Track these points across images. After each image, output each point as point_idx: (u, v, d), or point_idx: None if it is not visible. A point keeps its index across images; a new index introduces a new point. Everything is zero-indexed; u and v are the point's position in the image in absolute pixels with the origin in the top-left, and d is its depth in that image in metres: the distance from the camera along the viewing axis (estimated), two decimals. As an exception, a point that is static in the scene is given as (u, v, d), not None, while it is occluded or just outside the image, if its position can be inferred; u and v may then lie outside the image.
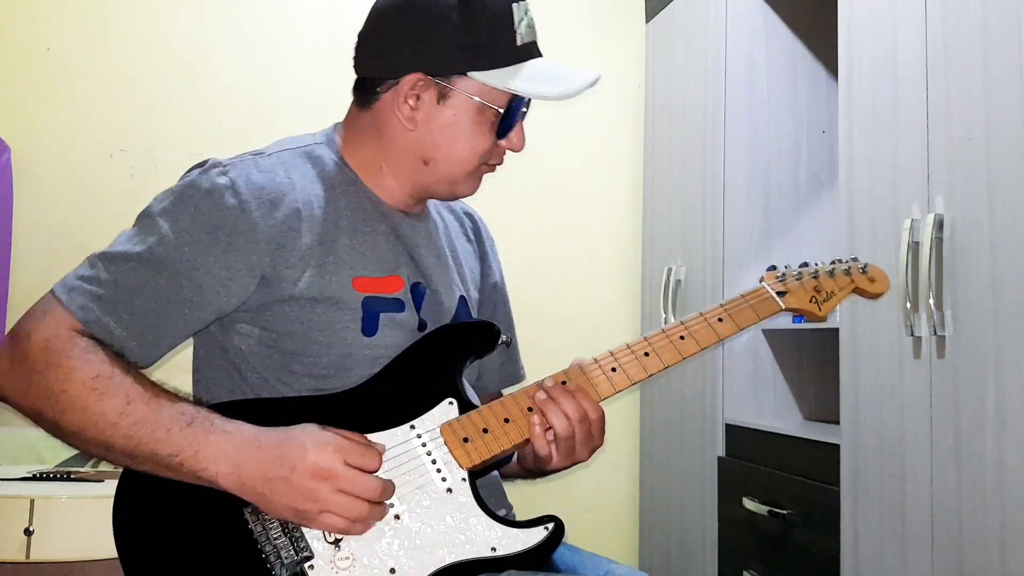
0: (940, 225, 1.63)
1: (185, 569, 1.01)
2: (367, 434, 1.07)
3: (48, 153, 2.62)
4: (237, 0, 2.79)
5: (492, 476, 1.20)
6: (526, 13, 1.16)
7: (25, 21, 2.64)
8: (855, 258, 1.35)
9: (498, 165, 1.23)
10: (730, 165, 2.45)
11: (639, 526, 2.97)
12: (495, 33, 1.13)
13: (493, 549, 1.04)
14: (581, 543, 1.26)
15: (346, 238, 1.14)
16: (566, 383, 1.14)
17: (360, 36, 1.20)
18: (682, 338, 1.19)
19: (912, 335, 1.68)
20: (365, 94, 1.19)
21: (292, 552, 1.01)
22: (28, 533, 1.87)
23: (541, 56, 1.19)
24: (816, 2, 2.43)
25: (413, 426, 1.09)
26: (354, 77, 1.22)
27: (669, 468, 2.75)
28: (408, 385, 1.11)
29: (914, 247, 1.67)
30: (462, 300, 1.24)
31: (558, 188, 3.03)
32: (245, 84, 2.76)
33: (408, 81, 1.14)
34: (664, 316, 2.67)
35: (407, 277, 1.17)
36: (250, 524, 1.02)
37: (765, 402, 2.42)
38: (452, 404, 1.11)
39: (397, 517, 1.04)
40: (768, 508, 2.14)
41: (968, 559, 1.54)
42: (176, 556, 1.01)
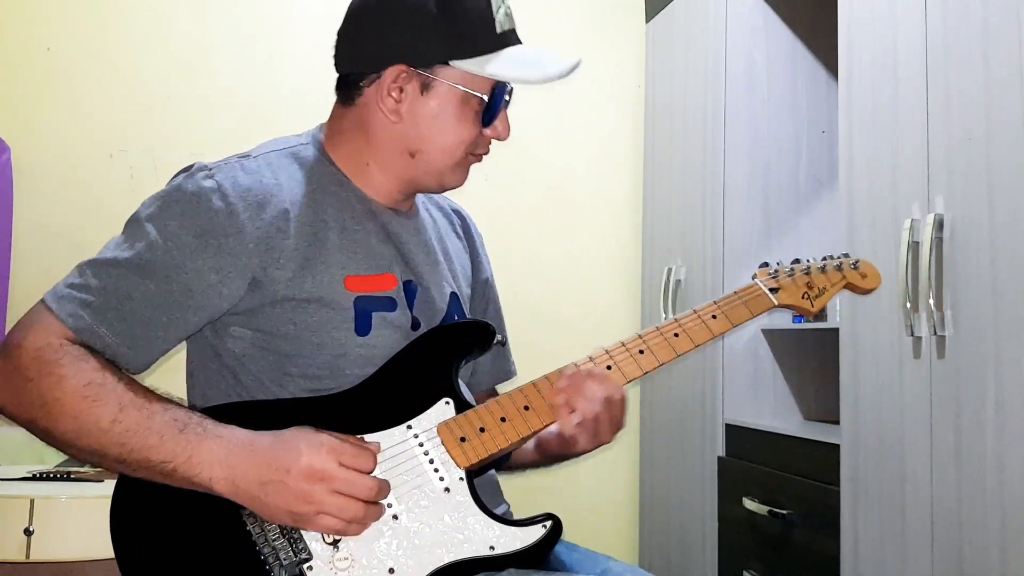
0: (940, 225, 1.63)
1: (184, 572, 1.01)
2: (364, 435, 1.07)
3: (48, 153, 2.62)
4: (237, 0, 2.80)
5: (489, 475, 1.20)
6: (503, 2, 1.17)
7: (25, 21, 2.64)
8: (846, 254, 1.35)
9: (484, 155, 1.22)
10: (730, 165, 2.45)
11: (639, 526, 2.97)
12: (474, 21, 1.14)
13: (491, 548, 1.04)
14: (581, 544, 1.26)
15: (336, 237, 1.14)
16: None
17: (339, 33, 1.20)
18: (676, 335, 1.20)
19: (912, 335, 1.68)
20: (348, 91, 1.19)
21: (291, 553, 1.00)
22: (28, 533, 1.87)
23: (521, 44, 1.19)
24: (816, 2, 2.43)
25: (410, 426, 1.09)
26: (335, 83, 1.21)
27: (669, 468, 2.75)
28: (404, 385, 1.11)
29: (914, 247, 1.67)
30: (453, 297, 1.24)
31: (558, 188, 3.03)
32: (245, 84, 2.76)
33: (390, 73, 1.14)
34: (664, 316, 2.67)
35: (399, 275, 1.17)
36: (248, 526, 1.02)
37: (765, 402, 2.42)
38: (449, 404, 1.11)
39: (395, 517, 1.04)
40: (768, 508, 2.14)
41: (968, 559, 1.54)
42: (174, 559, 1.01)
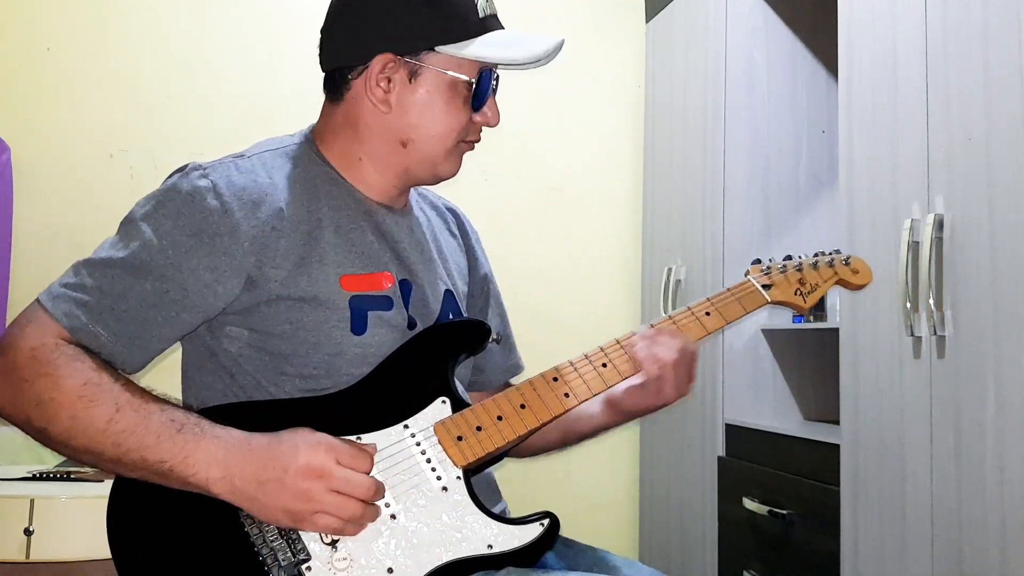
0: (940, 225, 1.63)
1: (181, 573, 1.01)
2: (361, 434, 1.07)
3: (48, 153, 2.62)
4: (237, 0, 2.80)
5: (487, 474, 1.20)
6: None
7: (25, 21, 2.64)
8: (837, 250, 1.36)
9: (476, 142, 1.22)
10: (730, 165, 2.45)
11: (639, 526, 2.97)
12: (456, 6, 1.15)
13: (489, 546, 1.04)
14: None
15: (330, 236, 1.14)
16: (557, 380, 1.15)
17: (323, 31, 1.20)
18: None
19: (912, 335, 1.68)
20: (336, 87, 1.19)
21: (289, 554, 1.00)
22: (28, 533, 1.87)
23: (503, 28, 1.20)
24: (816, 2, 2.43)
25: (407, 425, 1.09)
26: (322, 82, 1.22)
27: (669, 468, 2.75)
28: (400, 385, 1.11)
29: (914, 247, 1.67)
30: (448, 294, 1.24)
31: (558, 188, 3.03)
32: (245, 84, 2.76)
33: (378, 63, 1.14)
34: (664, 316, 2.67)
35: (395, 273, 1.17)
36: (246, 527, 1.01)
37: (765, 402, 2.42)
38: (445, 403, 1.11)
39: (393, 517, 1.04)
40: (768, 508, 2.13)
41: (968, 559, 1.54)
42: (172, 561, 1.01)
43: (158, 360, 1.11)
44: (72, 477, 2.08)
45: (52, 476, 2.08)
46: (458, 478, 1.07)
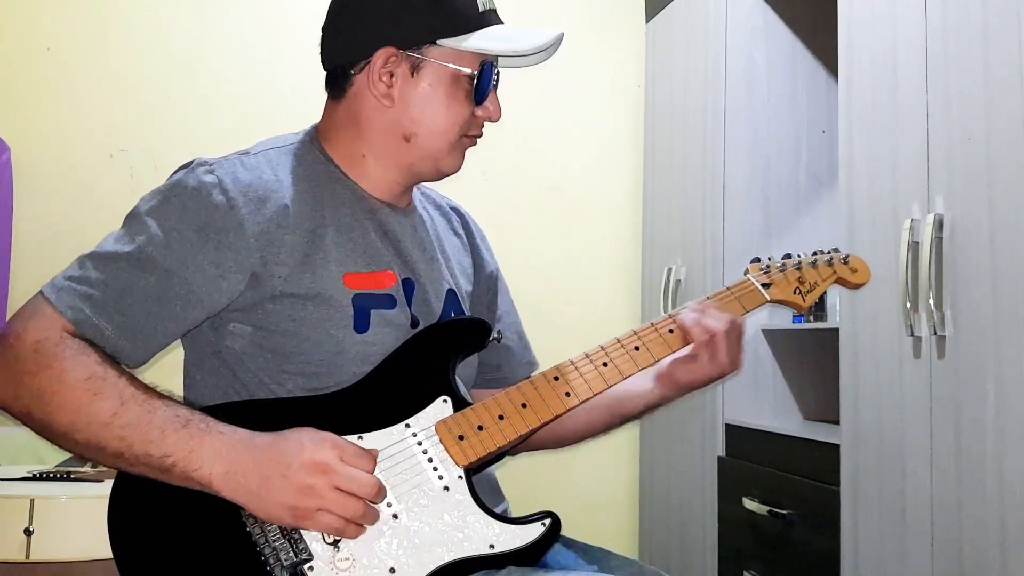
0: (940, 225, 1.63)
1: (183, 572, 1.01)
2: (363, 433, 1.07)
3: (48, 153, 2.62)
4: (237, 0, 2.80)
5: (488, 474, 1.20)
6: None
7: (25, 21, 2.64)
8: (836, 249, 1.36)
9: (478, 137, 1.23)
10: (730, 165, 2.45)
11: (639, 526, 2.97)
12: (457, 1, 1.15)
13: (491, 546, 1.04)
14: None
15: (334, 234, 1.14)
16: (558, 379, 1.15)
17: (324, 28, 1.21)
18: (671, 331, 1.20)
19: (912, 335, 1.68)
20: (338, 84, 1.19)
21: (291, 554, 1.00)
22: (28, 533, 1.87)
23: (503, 23, 1.21)
24: (816, 2, 2.43)
25: (408, 424, 1.09)
26: (324, 80, 1.22)
27: (669, 468, 2.75)
28: (401, 384, 1.11)
29: (914, 247, 1.67)
30: (451, 294, 1.24)
31: (558, 188, 3.03)
32: (245, 84, 2.76)
33: (380, 57, 1.15)
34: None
35: (398, 272, 1.17)
36: (248, 527, 1.01)
37: (765, 402, 2.42)
38: (446, 402, 1.11)
39: (395, 516, 1.04)
40: (768, 508, 2.14)
41: (968, 559, 1.54)
42: (174, 560, 1.01)
43: (159, 359, 1.11)
44: (72, 477, 2.08)
45: (52, 476, 2.08)
46: (460, 477, 1.07)
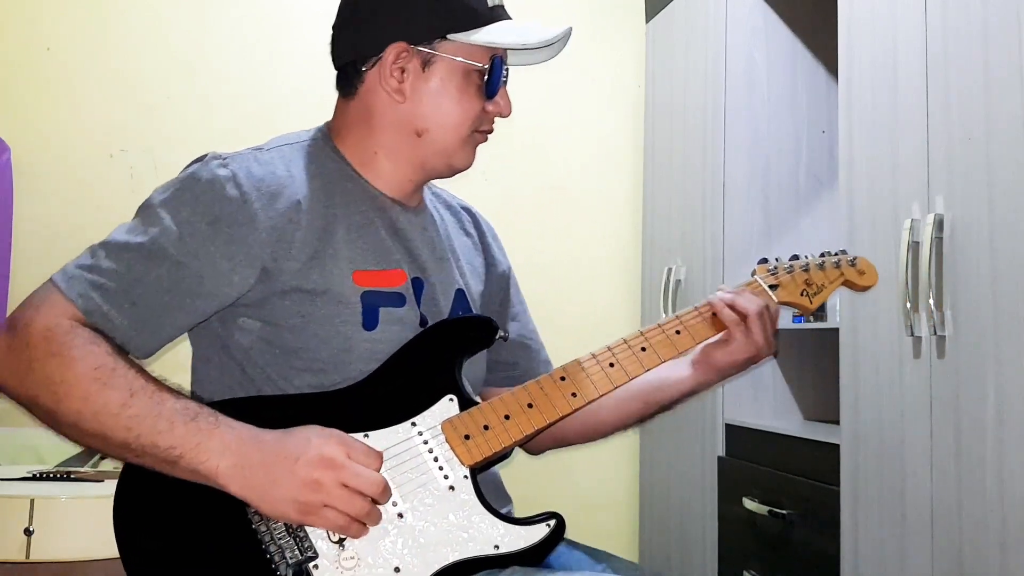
0: (940, 225, 1.63)
1: (188, 569, 1.01)
2: (369, 431, 1.07)
3: (48, 153, 2.62)
4: (237, 0, 2.80)
5: (494, 475, 1.20)
6: None
7: (25, 21, 2.64)
8: (844, 251, 1.36)
9: (489, 133, 1.23)
10: (730, 165, 2.45)
11: (639, 526, 2.97)
12: None
13: (496, 547, 1.04)
14: (581, 544, 1.26)
15: (344, 232, 1.14)
16: (564, 379, 1.15)
17: (335, 27, 1.22)
18: (678, 332, 1.21)
19: (912, 335, 1.68)
20: (349, 81, 1.20)
21: (297, 552, 1.00)
22: (28, 533, 1.87)
23: (511, 19, 1.22)
24: (816, 2, 2.43)
25: (414, 423, 1.09)
26: (335, 79, 1.23)
27: (669, 468, 2.75)
28: (408, 381, 1.11)
29: (914, 247, 1.67)
30: (460, 294, 1.24)
31: (558, 188, 3.03)
32: (245, 84, 2.76)
33: (391, 52, 1.16)
34: (664, 316, 2.66)
35: (408, 271, 1.17)
36: (254, 524, 1.01)
37: (765, 402, 2.42)
38: (453, 401, 1.11)
39: (401, 516, 1.04)
40: (768, 508, 2.14)
41: (968, 559, 1.54)
42: (179, 556, 1.01)
43: (162, 354, 1.11)
44: (72, 477, 2.08)
45: (52, 476, 2.08)
46: (465, 477, 1.07)
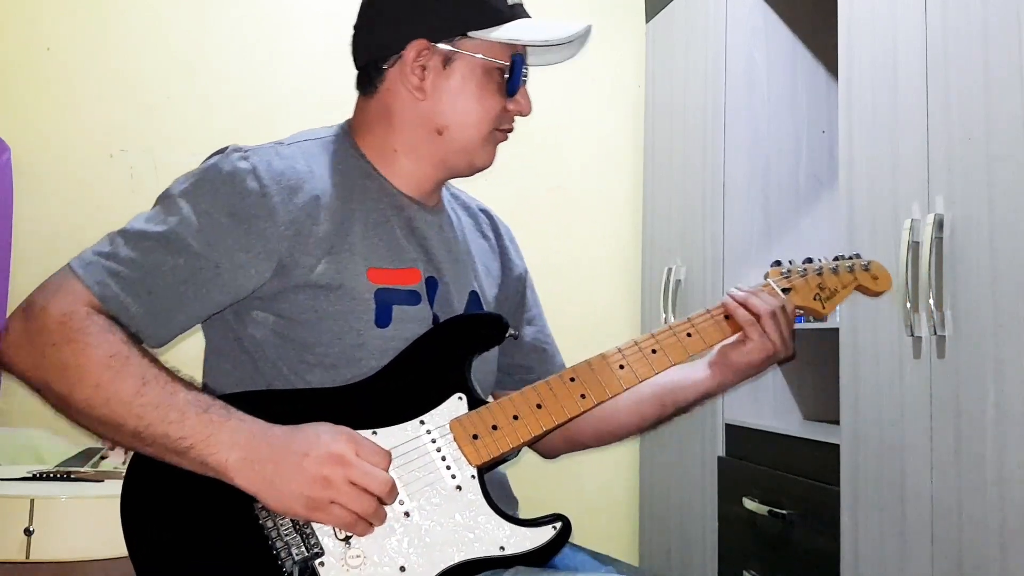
0: (940, 225, 1.63)
1: (195, 564, 1.01)
2: (378, 428, 1.07)
3: (48, 153, 2.62)
4: (237, 0, 2.80)
5: (499, 473, 1.20)
6: None
7: (25, 21, 2.64)
8: (858, 254, 1.35)
9: (509, 132, 1.24)
10: (730, 165, 2.46)
11: (639, 526, 2.97)
12: None
13: (502, 548, 1.04)
14: (581, 543, 1.26)
15: (360, 228, 1.14)
16: (574, 380, 1.15)
17: (356, 27, 1.22)
18: (689, 335, 1.21)
19: (912, 335, 1.69)
20: (370, 79, 1.21)
21: (303, 549, 1.00)
22: (28, 533, 1.86)
23: (530, 17, 1.22)
24: (816, 2, 2.43)
25: (423, 421, 1.09)
26: (355, 79, 1.23)
27: (669, 468, 2.75)
28: (417, 379, 1.11)
29: (914, 247, 1.68)
30: (473, 295, 1.25)
31: (558, 188, 3.03)
32: (245, 84, 2.76)
33: (412, 50, 1.16)
34: (664, 316, 2.67)
35: (423, 270, 1.18)
36: (261, 519, 1.02)
37: (765, 402, 2.42)
38: (462, 399, 1.11)
39: (407, 514, 1.04)
40: (768, 508, 2.14)
41: (968, 559, 1.55)
42: (186, 550, 1.01)
43: (175, 347, 1.11)
44: (72, 477, 2.07)
45: (52, 476, 2.08)
46: (472, 477, 1.07)
